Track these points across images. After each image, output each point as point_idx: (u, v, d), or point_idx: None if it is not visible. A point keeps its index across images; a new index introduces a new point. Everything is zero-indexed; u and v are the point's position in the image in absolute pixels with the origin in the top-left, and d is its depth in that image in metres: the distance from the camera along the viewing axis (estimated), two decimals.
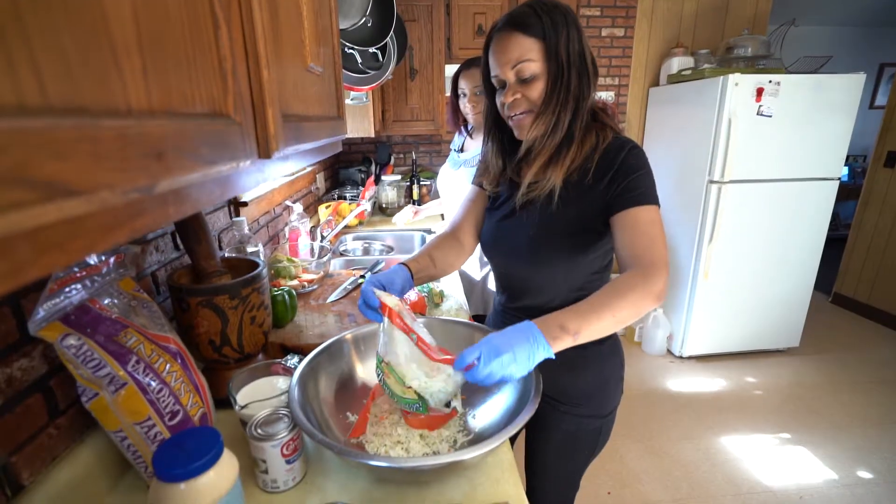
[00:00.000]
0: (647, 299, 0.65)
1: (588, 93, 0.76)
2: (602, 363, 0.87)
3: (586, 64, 0.75)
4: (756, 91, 2.18)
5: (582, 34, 0.74)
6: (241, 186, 0.46)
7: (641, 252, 0.69)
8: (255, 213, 1.27)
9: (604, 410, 0.89)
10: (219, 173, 0.37)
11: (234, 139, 0.39)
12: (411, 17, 2.36)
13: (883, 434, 2.02)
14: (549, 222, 0.78)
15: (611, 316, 0.64)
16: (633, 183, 0.73)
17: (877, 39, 4.25)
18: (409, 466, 0.56)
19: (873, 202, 3.13)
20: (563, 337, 0.62)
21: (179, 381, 0.63)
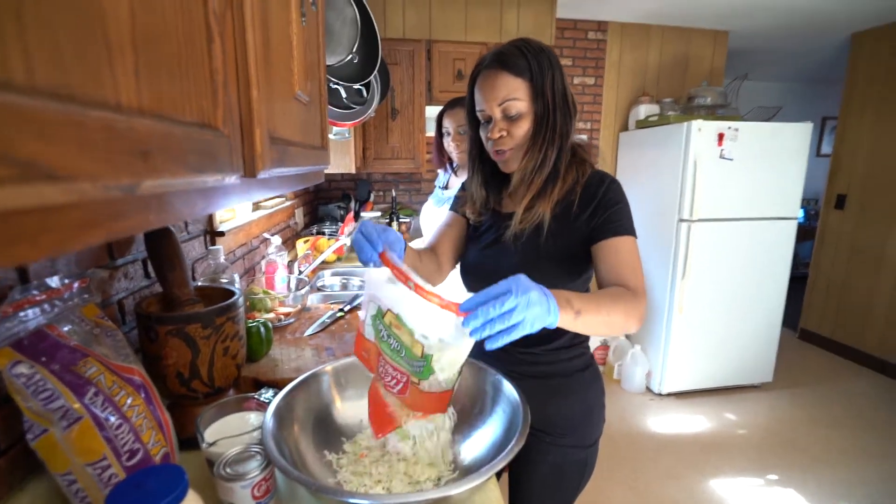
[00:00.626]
0: (633, 317, 0.67)
1: (570, 130, 0.79)
2: (586, 390, 0.87)
3: (568, 103, 0.78)
4: (717, 136, 2.33)
5: (564, 76, 0.78)
6: (225, 203, 0.44)
7: (626, 279, 0.72)
8: (231, 244, 1.23)
9: (589, 440, 0.88)
10: (204, 184, 0.36)
11: (222, 152, 0.38)
12: (393, 61, 2.45)
13: (863, 468, 2.03)
14: (535, 251, 0.80)
15: (606, 314, 0.63)
16: (615, 215, 0.77)
17: (819, 95, 4.66)
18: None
19: (828, 241, 3.31)
20: (568, 310, 0.57)
21: (141, 417, 0.58)
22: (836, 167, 3.25)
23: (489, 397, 0.73)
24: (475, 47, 2.54)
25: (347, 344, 1.01)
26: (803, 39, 3.22)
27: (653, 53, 3.05)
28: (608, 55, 3.01)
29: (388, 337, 0.60)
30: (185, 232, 0.99)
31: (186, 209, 0.35)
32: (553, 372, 0.85)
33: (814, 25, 2.92)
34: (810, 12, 2.69)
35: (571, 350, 0.85)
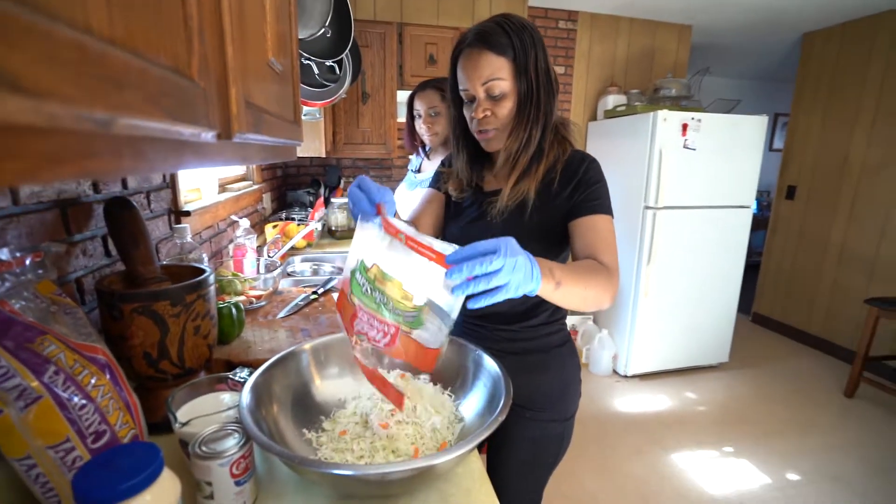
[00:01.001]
0: (607, 292, 0.67)
1: (553, 108, 0.79)
2: (564, 365, 0.89)
3: (552, 81, 0.78)
4: (682, 126, 2.41)
5: (547, 54, 0.77)
6: (199, 163, 0.42)
7: (601, 255, 0.73)
8: (197, 225, 1.18)
9: (566, 413, 0.89)
10: (179, 135, 0.33)
11: (198, 102, 0.36)
12: (364, 43, 2.39)
13: (806, 439, 2.18)
14: (518, 228, 0.80)
15: (584, 287, 0.63)
16: (594, 193, 0.78)
17: (772, 92, 4.90)
18: (377, 473, 0.51)
19: (780, 230, 3.51)
20: (550, 279, 0.57)
21: (107, 398, 0.55)
22: (788, 159, 3.44)
23: (470, 372, 0.73)
24: (447, 32, 2.51)
25: (323, 325, 0.99)
26: (759, 37, 3.37)
27: (621, 45, 3.12)
28: (578, 45, 3.05)
29: (371, 291, 0.58)
30: (148, 210, 0.93)
31: (160, 161, 0.32)
32: (532, 348, 0.86)
33: (769, 23, 3.06)
34: (766, 10, 2.82)
35: (550, 326, 0.87)
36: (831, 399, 2.56)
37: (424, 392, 0.72)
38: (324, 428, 0.68)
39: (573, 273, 0.62)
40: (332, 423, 0.69)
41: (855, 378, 2.53)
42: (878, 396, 2.57)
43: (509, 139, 0.79)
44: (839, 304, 3.07)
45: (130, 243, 0.69)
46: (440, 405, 0.70)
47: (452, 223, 0.92)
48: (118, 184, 0.81)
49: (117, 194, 0.81)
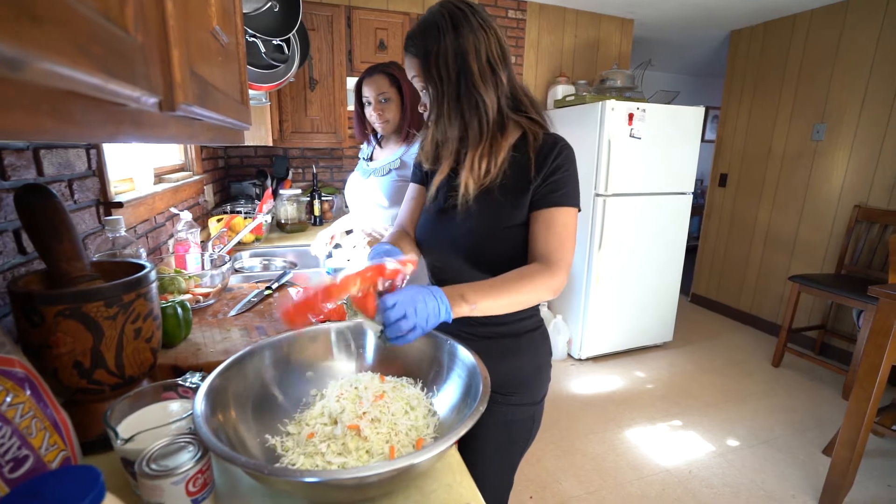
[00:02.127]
0: (546, 292, 0.72)
1: (479, 99, 0.74)
2: (536, 349, 0.89)
3: (470, 68, 0.73)
4: (628, 116, 2.50)
5: (463, 36, 0.72)
6: (138, 136, 0.36)
7: (551, 252, 0.74)
8: (131, 219, 1.06)
9: (537, 396, 0.90)
10: (115, 96, 0.28)
11: (135, 58, 0.30)
12: (311, 26, 2.27)
13: (742, 407, 2.37)
14: (487, 215, 0.78)
15: (509, 298, 0.69)
16: (559, 183, 0.76)
17: (704, 86, 5.23)
18: (354, 478, 0.48)
19: (713, 215, 3.77)
20: (462, 305, 0.65)
21: (28, 417, 0.47)
22: (720, 149, 3.69)
23: (444, 365, 0.70)
24: (398, 17, 2.44)
25: (280, 322, 0.92)
26: (693, 32, 3.57)
27: (568, 36, 3.18)
28: (527, 35, 3.08)
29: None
30: (72, 201, 0.82)
31: (93, 126, 0.27)
32: (506, 333, 0.86)
33: (702, 19, 3.25)
34: (698, 6, 2.98)
35: (522, 312, 0.86)
36: (761, 369, 2.79)
37: (397, 388, 0.68)
38: (289, 432, 0.63)
39: (493, 290, 0.69)
40: (298, 426, 0.64)
41: (780, 349, 2.78)
42: (800, 364, 2.84)
43: (430, 135, 0.82)
44: (765, 282, 3.35)
45: (51, 237, 0.59)
46: (414, 400, 0.67)
47: (423, 214, 0.90)
48: (31, 169, 0.70)
49: (31, 181, 0.70)
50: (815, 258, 3.01)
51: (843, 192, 2.85)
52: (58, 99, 0.22)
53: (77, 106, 0.24)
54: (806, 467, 1.91)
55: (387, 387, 0.68)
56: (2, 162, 0.64)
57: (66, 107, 0.23)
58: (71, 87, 0.23)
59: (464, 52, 0.73)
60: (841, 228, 2.86)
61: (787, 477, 1.85)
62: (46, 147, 0.74)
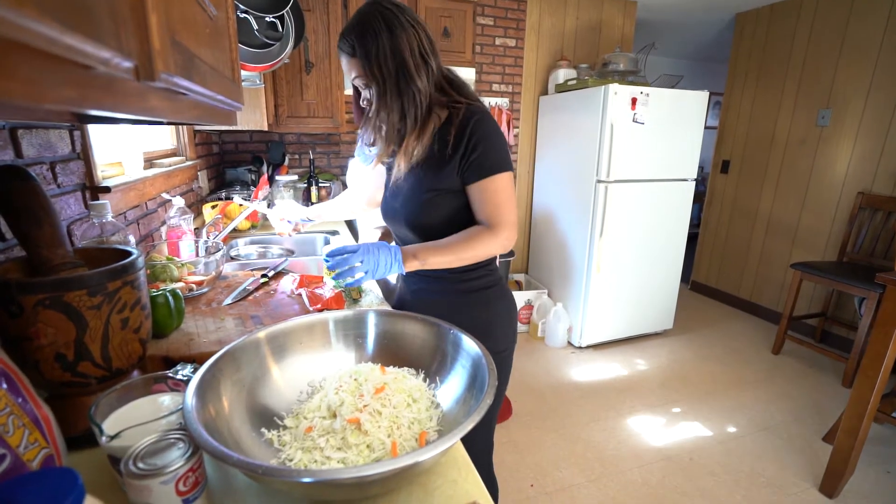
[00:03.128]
0: (493, 247, 0.84)
1: (415, 89, 0.83)
2: (489, 304, 0.98)
3: (406, 62, 0.81)
4: (631, 100, 2.45)
5: (397, 35, 0.80)
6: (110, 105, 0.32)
7: (489, 217, 0.85)
8: (120, 205, 1.02)
9: (496, 347, 0.96)
10: (76, 53, 0.24)
11: (100, 11, 0.26)
12: (307, 7, 2.20)
13: (741, 394, 2.37)
14: (415, 189, 0.90)
15: (454, 255, 0.84)
16: (480, 157, 0.84)
17: (707, 72, 5.15)
18: (354, 477, 0.45)
19: (714, 202, 3.73)
20: (412, 261, 0.83)
21: (6, 413, 0.44)
22: (722, 136, 3.64)
23: (448, 355, 0.68)
24: None
25: (276, 311, 0.89)
26: (697, 15, 3.49)
27: (569, 19, 3.11)
28: (528, 17, 3.00)
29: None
30: (55, 185, 0.78)
31: (49, 87, 0.23)
32: (463, 289, 0.96)
33: (705, 2, 3.17)
34: None
35: (477, 272, 0.96)
36: (761, 357, 2.79)
37: (398, 379, 0.66)
38: (286, 425, 0.61)
39: (442, 249, 0.84)
40: (296, 420, 0.61)
41: (781, 337, 2.77)
42: (800, 352, 2.83)
43: (368, 128, 0.89)
44: (766, 269, 3.34)
45: (30, 222, 0.56)
46: (416, 392, 0.64)
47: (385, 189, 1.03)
48: (8, 151, 0.66)
49: (8, 163, 0.66)
50: (817, 245, 2.99)
51: (848, 178, 2.82)
52: None
53: (24, 60, 0.21)
54: (806, 454, 1.91)
55: (388, 378, 0.65)
56: None
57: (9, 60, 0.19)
58: (13, 36, 0.19)
59: (400, 49, 0.81)
60: (844, 215, 2.83)
61: (788, 464, 1.85)
62: (25, 126, 0.70)
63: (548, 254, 3.15)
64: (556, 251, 3.03)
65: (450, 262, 0.84)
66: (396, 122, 0.86)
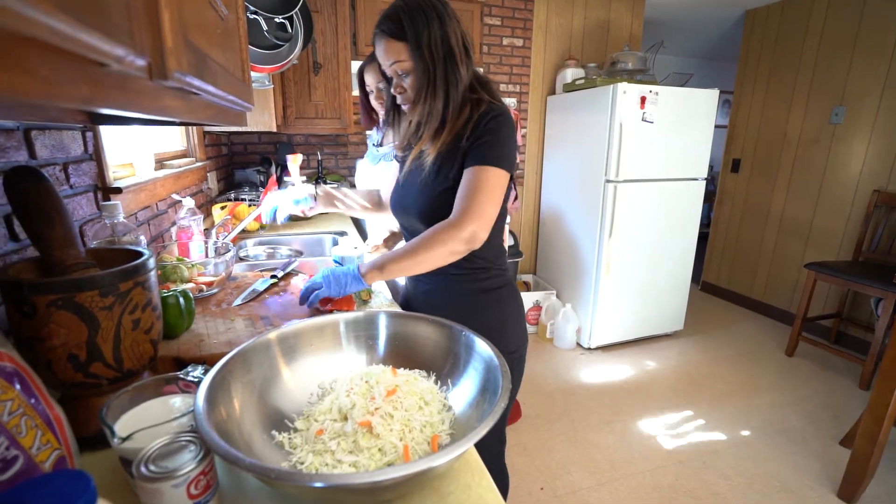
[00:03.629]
0: (452, 243, 0.81)
1: (459, 77, 0.85)
2: (500, 304, 0.98)
3: (454, 51, 0.83)
4: (640, 99, 2.43)
5: (447, 24, 0.82)
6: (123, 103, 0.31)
7: (459, 204, 0.82)
8: (132, 205, 1.02)
9: (508, 348, 0.96)
10: (90, 50, 0.23)
11: (114, 9, 0.26)
12: (315, 8, 2.21)
13: (754, 397, 2.33)
14: (432, 183, 0.90)
15: (411, 260, 0.82)
16: (482, 146, 0.84)
17: (716, 70, 5.10)
18: (367, 482, 0.44)
19: (725, 201, 3.69)
20: (372, 272, 0.85)
21: (18, 414, 0.44)
22: (732, 135, 3.60)
23: (461, 358, 0.67)
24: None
25: (286, 312, 0.89)
26: (706, 12, 3.45)
27: (577, 17, 3.09)
28: (536, 17, 2.98)
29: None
30: (67, 185, 0.78)
31: (62, 84, 0.22)
32: (474, 289, 0.96)
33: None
34: None
35: (487, 272, 0.97)
36: (774, 358, 2.75)
37: (410, 381, 0.65)
38: (297, 428, 0.60)
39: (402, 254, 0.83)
40: (307, 422, 0.61)
41: (795, 338, 2.72)
42: (815, 353, 2.79)
43: (413, 111, 0.88)
44: (778, 269, 3.29)
45: (43, 223, 0.56)
46: (428, 394, 0.63)
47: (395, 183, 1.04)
48: (22, 151, 0.67)
49: (21, 163, 0.66)
50: (832, 245, 2.94)
51: (862, 176, 2.77)
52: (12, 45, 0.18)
53: (40, 57, 0.20)
54: (823, 458, 1.87)
55: (399, 380, 0.64)
56: None
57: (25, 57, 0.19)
58: (26, 30, 0.18)
59: (448, 37, 0.83)
60: (859, 214, 2.78)
61: (804, 468, 1.82)
62: (39, 128, 0.70)
63: (556, 254, 3.13)
64: (564, 252, 3.01)
65: (409, 266, 0.83)
66: (440, 110, 0.85)
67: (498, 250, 0.98)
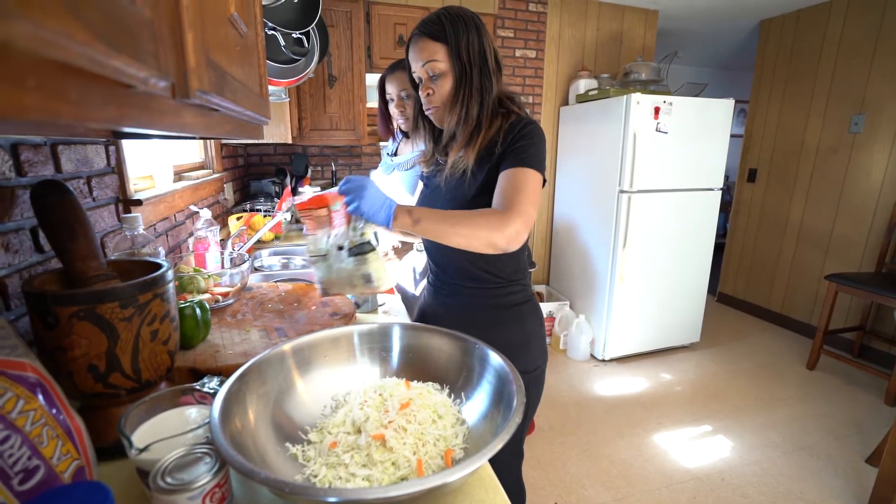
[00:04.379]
0: (491, 232, 0.76)
1: (491, 86, 0.88)
2: (524, 320, 0.96)
3: (488, 61, 0.87)
4: (654, 110, 2.41)
5: (483, 36, 0.86)
6: (147, 122, 0.32)
7: (505, 198, 0.80)
8: (151, 217, 1.04)
9: (530, 366, 0.95)
10: (119, 74, 0.24)
11: (142, 33, 0.27)
12: (330, 23, 2.25)
13: (775, 411, 2.27)
14: (462, 192, 0.90)
15: (451, 226, 0.76)
16: (519, 150, 0.84)
17: (731, 80, 5.05)
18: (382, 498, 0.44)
19: (741, 211, 3.63)
20: (405, 216, 0.77)
21: (40, 425, 0.45)
22: (748, 144, 3.55)
23: (475, 371, 0.66)
24: (417, 12, 2.41)
25: (301, 323, 0.90)
26: (720, 23, 3.44)
27: (590, 29, 3.10)
28: (548, 28, 3.00)
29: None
30: (90, 198, 0.81)
31: (91, 107, 0.23)
32: (496, 304, 0.95)
33: (729, 8, 3.12)
34: None
35: (511, 286, 0.96)
36: (794, 372, 2.67)
37: (423, 394, 0.64)
38: (310, 440, 0.60)
39: (443, 216, 0.77)
40: (320, 434, 0.61)
41: (816, 351, 2.65)
42: (837, 367, 2.71)
43: (449, 115, 0.89)
44: (797, 280, 3.21)
45: (66, 235, 0.57)
46: (441, 408, 0.63)
47: (422, 194, 1.04)
48: (49, 166, 0.69)
49: (48, 177, 0.68)
50: (853, 256, 2.87)
51: (885, 186, 2.70)
52: (45, 69, 0.19)
53: (70, 80, 0.21)
54: (848, 476, 1.81)
55: (413, 393, 0.64)
56: (18, 158, 0.63)
57: (56, 81, 0.20)
58: (62, 58, 0.19)
59: (484, 48, 0.86)
60: (881, 225, 2.71)
61: (828, 486, 1.76)
62: (65, 143, 0.72)
63: (569, 265, 3.10)
64: (577, 262, 2.98)
65: (443, 231, 0.76)
66: (475, 115, 0.87)
67: (521, 263, 0.98)
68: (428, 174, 1.01)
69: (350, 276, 0.81)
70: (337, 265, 0.81)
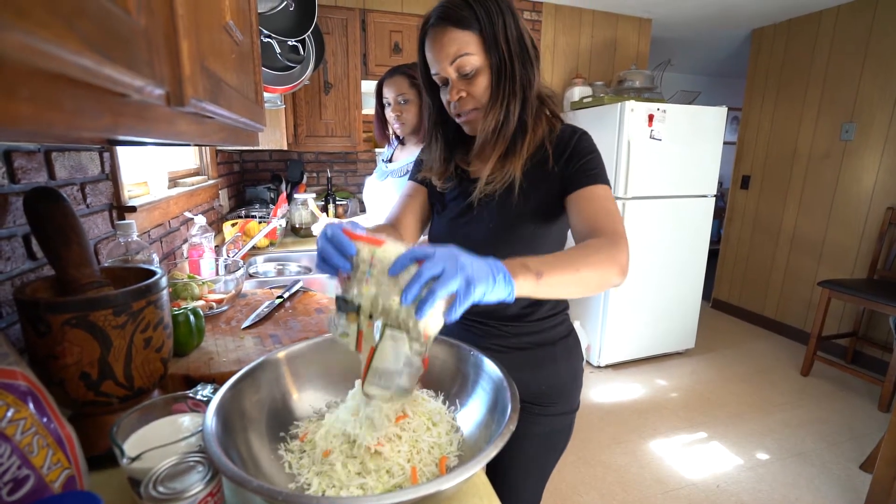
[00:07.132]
0: (613, 266, 0.60)
1: (534, 78, 0.73)
2: (570, 355, 0.85)
3: (527, 49, 0.72)
4: (648, 117, 2.44)
5: (518, 19, 0.71)
6: (142, 130, 0.32)
7: (602, 224, 0.67)
8: (145, 223, 1.04)
9: (574, 404, 0.87)
10: (112, 83, 0.24)
11: (137, 42, 0.27)
12: (326, 30, 2.26)
13: (769, 418, 2.27)
14: (509, 213, 0.75)
15: (574, 271, 0.57)
16: (589, 164, 0.73)
17: (724, 87, 5.11)
18: None
19: (735, 218, 3.66)
20: (527, 275, 0.52)
21: (30, 433, 0.44)
22: (741, 151, 3.59)
23: (470, 378, 0.66)
24: (413, 19, 2.43)
25: (295, 330, 0.89)
26: (713, 31, 3.49)
27: (584, 37, 3.13)
28: (543, 36, 3.03)
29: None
30: (84, 205, 0.80)
31: (85, 116, 0.23)
32: (539, 342, 0.82)
33: (721, 18, 3.16)
34: (718, 5, 2.90)
35: (554, 318, 0.83)
36: (789, 378, 2.68)
37: (418, 401, 0.64)
38: (304, 448, 0.60)
39: (558, 260, 0.57)
40: (314, 443, 0.60)
41: (810, 357, 2.66)
42: (831, 373, 2.72)
43: (486, 118, 0.73)
44: (791, 287, 3.24)
45: (59, 242, 0.57)
46: (436, 415, 0.63)
47: (438, 218, 0.86)
48: (43, 172, 0.69)
49: (41, 184, 0.68)
50: (845, 262, 2.89)
51: (875, 192, 2.73)
52: (38, 79, 0.19)
53: (66, 91, 0.21)
54: (842, 483, 1.81)
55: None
56: (12, 164, 0.63)
57: (50, 90, 0.20)
58: (56, 68, 0.19)
59: (522, 32, 0.71)
60: (873, 232, 2.74)
61: (823, 493, 1.76)
62: (59, 150, 0.72)
63: None
64: None
65: (569, 282, 0.57)
66: (518, 114, 0.72)
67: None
68: (447, 191, 0.84)
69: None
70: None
